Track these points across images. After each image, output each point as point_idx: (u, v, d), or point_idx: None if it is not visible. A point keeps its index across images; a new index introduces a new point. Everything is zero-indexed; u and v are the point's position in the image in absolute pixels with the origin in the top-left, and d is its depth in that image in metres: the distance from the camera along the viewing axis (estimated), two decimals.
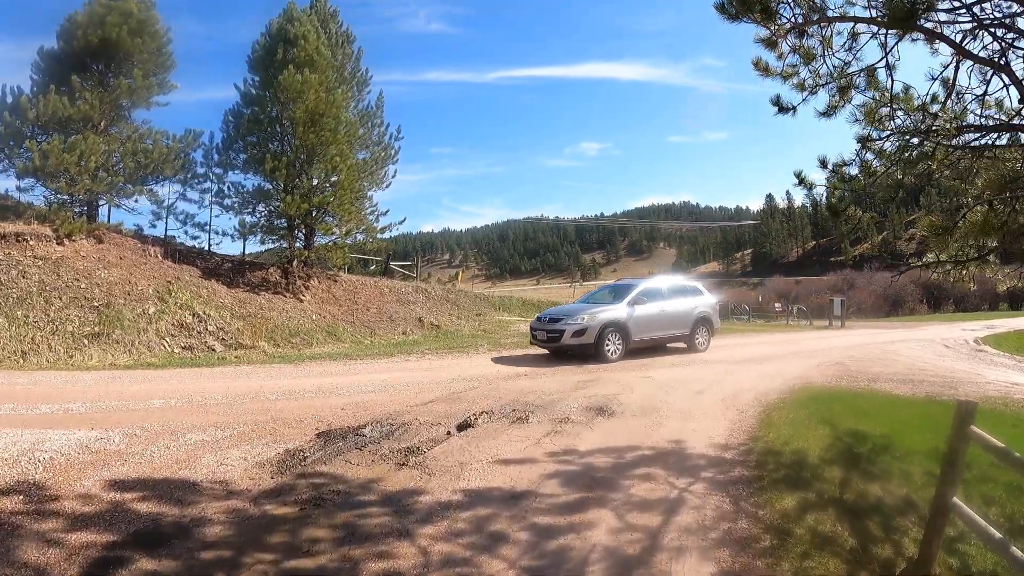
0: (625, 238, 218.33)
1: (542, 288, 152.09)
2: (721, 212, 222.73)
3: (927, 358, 16.01)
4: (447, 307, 24.17)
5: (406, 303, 22.87)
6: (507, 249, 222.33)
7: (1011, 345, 21.26)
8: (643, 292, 15.15)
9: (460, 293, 27.08)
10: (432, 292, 25.33)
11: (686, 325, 15.58)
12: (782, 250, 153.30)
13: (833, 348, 17.95)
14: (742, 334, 23.35)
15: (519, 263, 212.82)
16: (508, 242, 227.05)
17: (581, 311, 14.31)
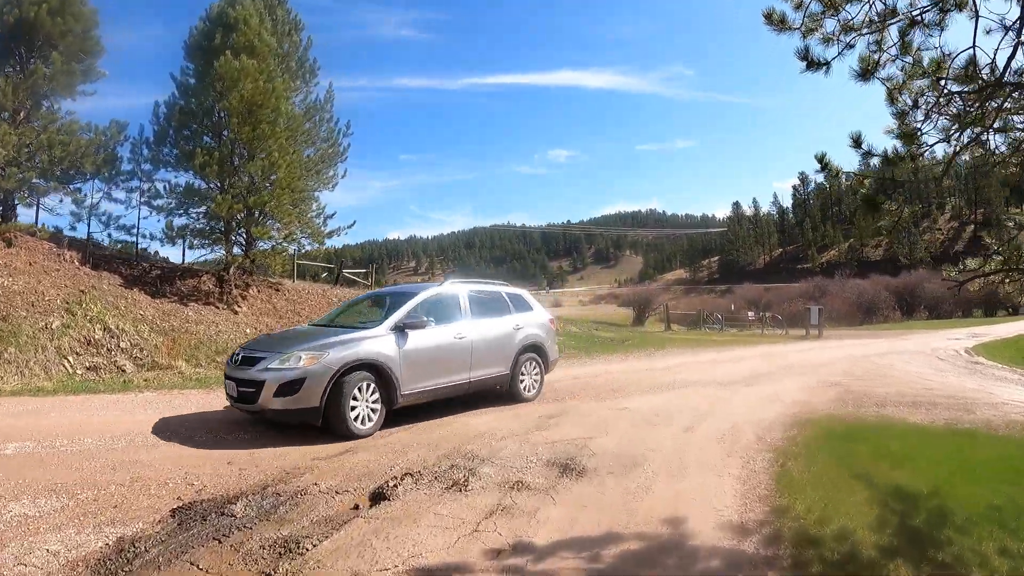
0: (592, 246, 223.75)
1: None
2: (688, 220, 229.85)
3: (927, 374, 14.80)
4: None
5: None
6: (474, 256, 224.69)
7: (1005, 356, 20.51)
8: (425, 305, 8.97)
9: None
10: None
11: (503, 360, 9.80)
12: (749, 257, 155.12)
13: (823, 363, 16.64)
14: (719, 346, 21.89)
15: (485, 270, 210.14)
16: (475, 249, 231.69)
17: (301, 342, 7.89)
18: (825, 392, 11.65)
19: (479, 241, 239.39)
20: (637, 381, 12.61)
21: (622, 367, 15.37)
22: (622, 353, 19.01)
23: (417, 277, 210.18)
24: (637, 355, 18.57)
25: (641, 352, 19.47)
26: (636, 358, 17.80)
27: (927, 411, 9.73)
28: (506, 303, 10.30)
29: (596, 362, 16.74)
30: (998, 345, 23.92)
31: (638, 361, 16.94)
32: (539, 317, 10.81)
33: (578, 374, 13.81)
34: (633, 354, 18.82)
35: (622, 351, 19.59)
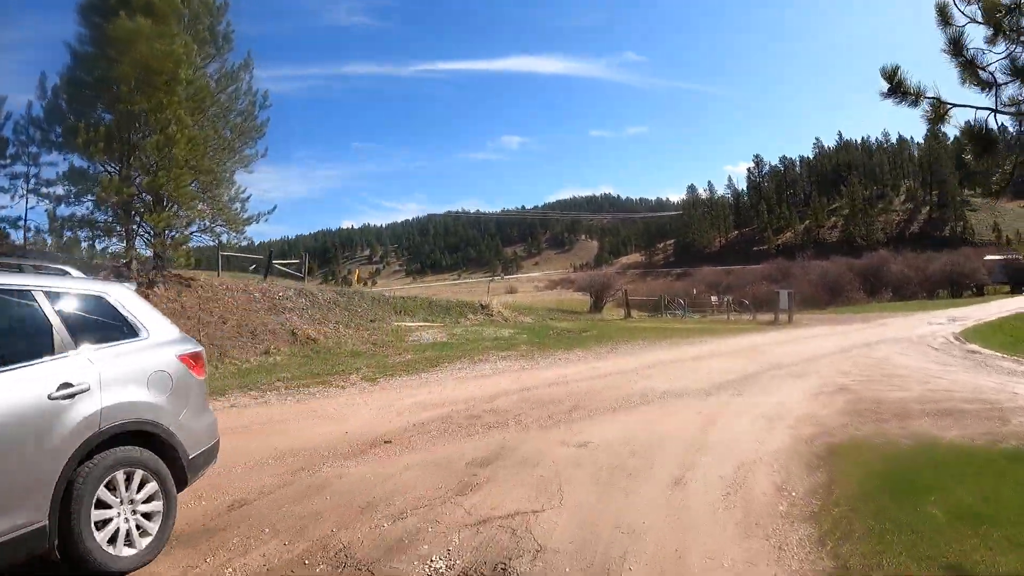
0: (547, 231, 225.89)
1: (462, 284, 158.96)
2: (642, 203, 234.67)
3: (933, 371, 13.01)
4: (335, 313, 19.74)
5: (281, 311, 18.23)
6: (428, 244, 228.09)
7: (996, 342, 19.34)
8: None
9: (355, 296, 22.67)
10: (320, 296, 20.77)
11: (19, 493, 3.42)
12: (705, 240, 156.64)
13: (812, 358, 14.82)
14: (689, 337, 19.86)
15: (440, 258, 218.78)
16: (429, 237, 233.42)
17: None
18: (833, 401, 9.63)
19: (433, 228, 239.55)
20: (601, 391, 10.29)
21: (582, 370, 13.06)
22: (582, 349, 16.73)
23: (371, 267, 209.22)
24: (600, 351, 16.32)
25: (604, 347, 17.23)
26: (599, 356, 15.54)
27: (958, 423, 8.08)
28: (46, 324, 3.90)
29: (551, 363, 14.40)
30: (984, 330, 22.89)
31: (601, 360, 14.66)
32: (155, 356, 4.47)
33: (528, 382, 11.44)
34: (595, 350, 16.56)
35: (582, 346, 17.31)
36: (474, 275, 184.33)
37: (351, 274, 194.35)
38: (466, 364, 13.94)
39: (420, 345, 16.86)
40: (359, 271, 43.47)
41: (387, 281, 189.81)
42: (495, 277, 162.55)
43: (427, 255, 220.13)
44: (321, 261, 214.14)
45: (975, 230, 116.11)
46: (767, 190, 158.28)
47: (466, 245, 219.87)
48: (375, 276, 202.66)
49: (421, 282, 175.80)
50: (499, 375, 12.43)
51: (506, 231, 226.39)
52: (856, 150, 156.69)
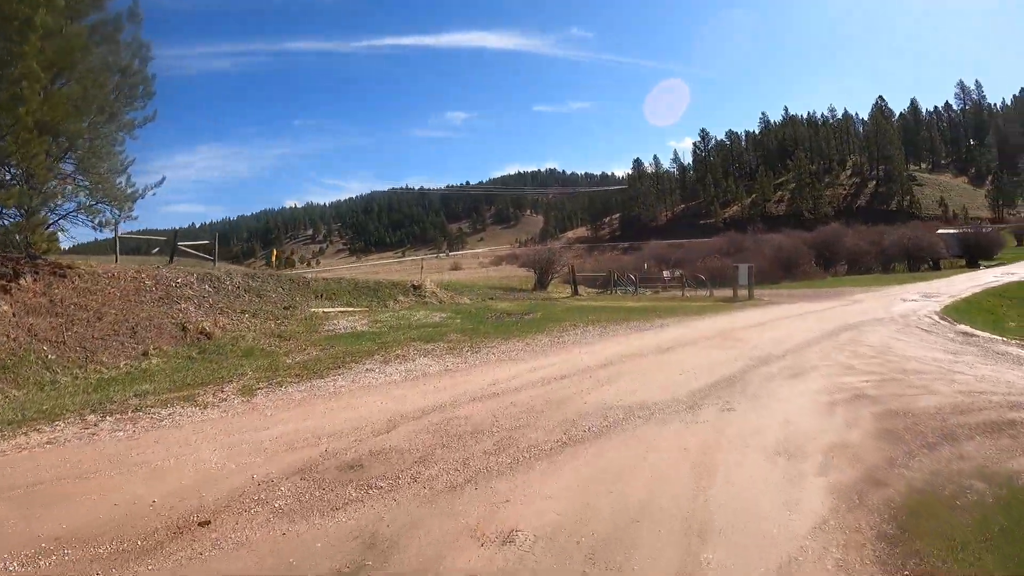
0: (491, 206, 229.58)
1: (406, 261, 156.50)
2: (588, 178, 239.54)
3: (945, 361, 11.12)
4: (244, 301, 16.86)
5: (175, 301, 15.14)
6: (372, 222, 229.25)
7: (983, 321, 17.99)
8: None
9: (270, 280, 19.64)
10: (228, 281, 17.74)
11: None
12: (651, 214, 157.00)
13: (798, 346, 12.55)
14: (645, 319, 17.55)
15: (384, 235, 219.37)
16: (373, 214, 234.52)
17: None
18: (857, 416, 7.41)
19: (377, 206, 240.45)
20: (543, 410, 7.69)
21: (521, 371, 10.39)
22: (523, 338, 14.04)
23: (315, 246, 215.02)
24: (543, 342, 13.65)
25: (549, 336, 14.57)
26: (542, 348, 12.89)
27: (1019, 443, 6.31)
28: None
29: (483, 359, 11.69)
30: (964, 307, 21.30)
31: (545, 355, 12.03)
32: None
33: (447, 395, 8.75)
34: (538, 340, 13.88)
35: (523, 334, 14.62)
36: (419, 252, 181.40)
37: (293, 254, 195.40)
38: (377, 363, 11.17)
39: (332, 336, 14.06)
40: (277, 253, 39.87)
41: (331, 260, 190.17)
42: (439, 254, 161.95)
43: (371, 233, 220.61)
44: (264, 242, 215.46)
45: (921, 204, 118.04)
46: (713, 164, 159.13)
47: (410, 222, 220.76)
48: (319, 256, 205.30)
49: (365, 260, 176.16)
50: (412, 382, 9.66)
51: (451, 207, 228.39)
52: (802, 125, 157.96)
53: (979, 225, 65.38)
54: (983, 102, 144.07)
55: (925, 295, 24.84)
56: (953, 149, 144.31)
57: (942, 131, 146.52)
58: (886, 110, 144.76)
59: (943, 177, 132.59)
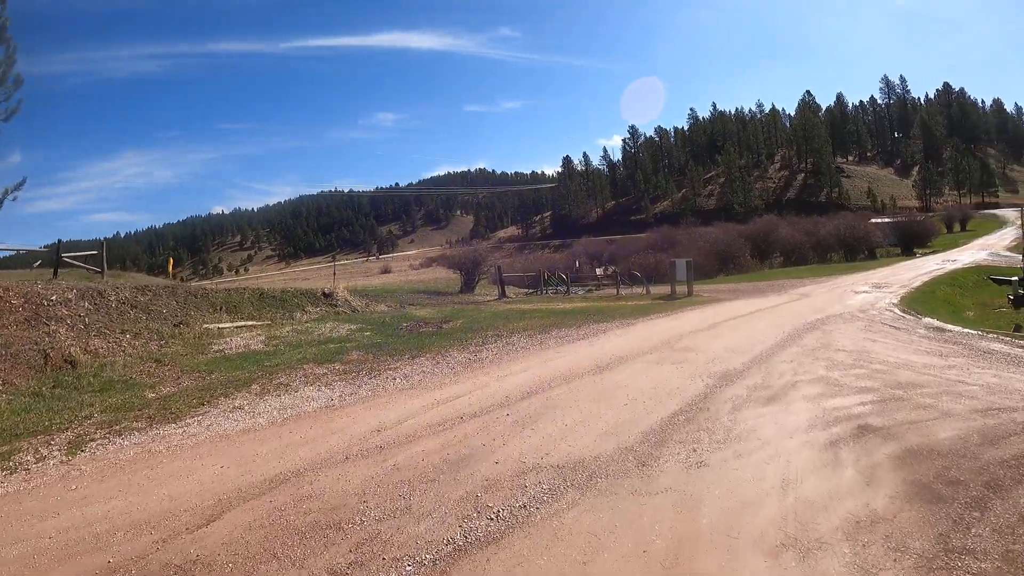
0: (422, 207, 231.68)
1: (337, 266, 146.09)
2: (518, 177, 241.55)
3: (936, 366, 9.64)
4: (128, 319, 14.52)
5: (44, 322, 12.47)
6: (301, 226, 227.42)
7: (947, 312, 17.90)
8: None
9: (165, 292, 17.13)
10: (112, 297, 15.20)
11: None
12: (582, 211, 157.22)
13: (761, 356, 10.74)
14: (580, 323, 15.56)
15: (313, 240, 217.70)
16: (302, 219, 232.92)
17: None
18: (873, 467, 5.58)
19: (306, 210, 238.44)
20: (437, 479, 5.59)
21: (422, 406, 8.22)
22: (434, 355, 11.82)
23: (243, 253, 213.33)
24: (458, 360, 11.44)
25: (465, 351, 12.34)
26: (455, 369, 10.70)
27: None
28: None
29: (378, 390, 9.44)
30: (921, 298, 20.44)
31: (457, 381, 9.82)
32: None
33: (306, 457, 6.53)
34: (452, 357, 11.66)
35: (436, 349, 12.39)
36: (349, 256, 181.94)
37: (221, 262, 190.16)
38: (251, 397, 8.90)
39: (218, 359, 11.67)
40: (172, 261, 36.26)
41: (260, 267, 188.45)
42: (370, 257, 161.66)
43: (300, 238, 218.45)
44: (191, 250, 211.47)
45: (850, 195, 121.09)
46: (643, 160, 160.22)
47: (340, 226, 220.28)
48: (247, 263, 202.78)
49: (295, 266, 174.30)
50: (277, 428, 7.35)
51: (381, 209, 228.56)
52: (731, 121, 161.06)
53: (912, 214, 66.44)
54: (907, 96, 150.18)
55: (876, 286, 23.70)
56: (879, 142, 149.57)
57: (868, 124, 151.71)
58: (813, 105, 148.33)
59: (870, 168, 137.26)
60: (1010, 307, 20.79)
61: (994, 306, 21.39)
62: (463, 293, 31.46)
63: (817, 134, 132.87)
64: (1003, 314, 19.96)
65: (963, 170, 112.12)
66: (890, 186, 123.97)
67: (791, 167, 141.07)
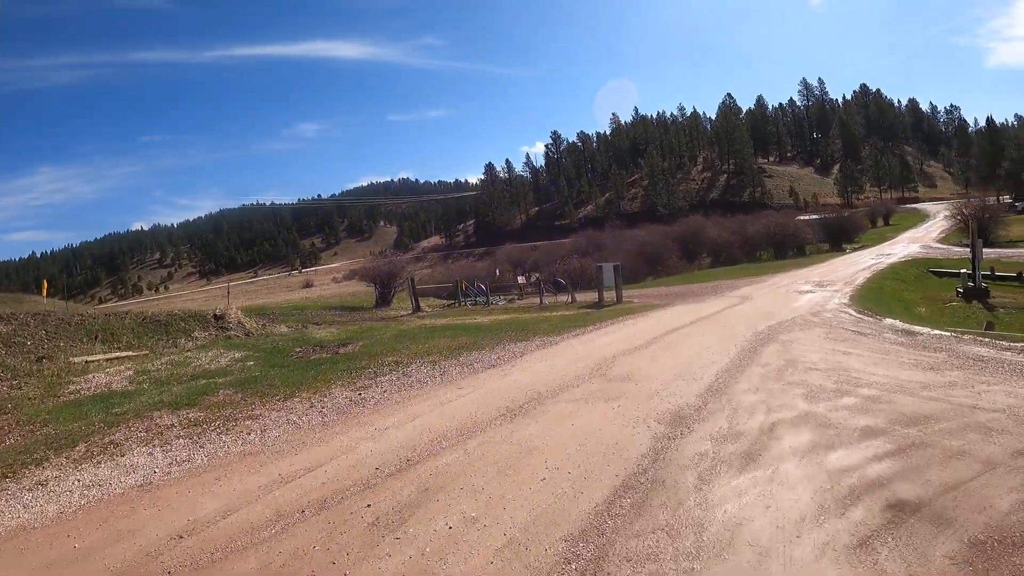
0: (345, 219, 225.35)
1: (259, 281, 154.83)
2: (441, 186, 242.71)
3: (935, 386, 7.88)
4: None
5: None
6: (222, 241, 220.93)
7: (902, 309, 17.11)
8: None
9: (33, 320, 15.86)
10: None
11: None
12: (505, 218, 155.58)
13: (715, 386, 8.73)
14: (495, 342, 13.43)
15: (235, 255, 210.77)
16: (223, 234, 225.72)
17: None
18: None
19: (227, 224, 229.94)
20: None
21: (259, 488, 5.87)
22: (312, 395, 9.49)
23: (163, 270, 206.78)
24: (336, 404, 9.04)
25: (352, 387, 9.99)
26: (327, 420, 8.31)
27: None
28: None
29: (220, 457, 6.99)
30: (869, 296, 19.26)
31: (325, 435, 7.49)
32: None
33: None
34: (331, 399, 9.27)
35: (318, 385, 10.05)
36: (272, 271, 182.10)
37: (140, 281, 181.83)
38: (61, 469, 6.90)
39: (65, 405, 9.62)
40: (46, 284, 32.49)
41: (180, 285, 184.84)
42: (292, 271, 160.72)
43: (221, 254, 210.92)
44: (108, 269, 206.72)
45: (773, 194, 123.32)
46: (566, 166, 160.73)
47: (262, 240, 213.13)
48: (167, 281, 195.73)
49: (216, 283, 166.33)
50: (60, 526, 5.01)
51: (303, 222, 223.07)
52: (652, 124, 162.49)
53: (837, 210, 67.12)
54: (825, 98, 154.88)
55: (818, 284, 22.38)
56: (798, 142, 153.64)
57: (788, 126, 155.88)
58: (734, 107, 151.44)
59: (791, 168, 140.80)
60: (960, 301, 19.86)
61: (943, 300, 20.42)
62: (378, 308, 29.02)
63: (739, 135, 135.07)
64: (956, 309, 19.00)
65: (883, 167, 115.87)
66: (811, 184, 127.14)
67: (714, 168, 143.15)
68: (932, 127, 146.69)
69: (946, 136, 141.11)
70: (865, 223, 60.98)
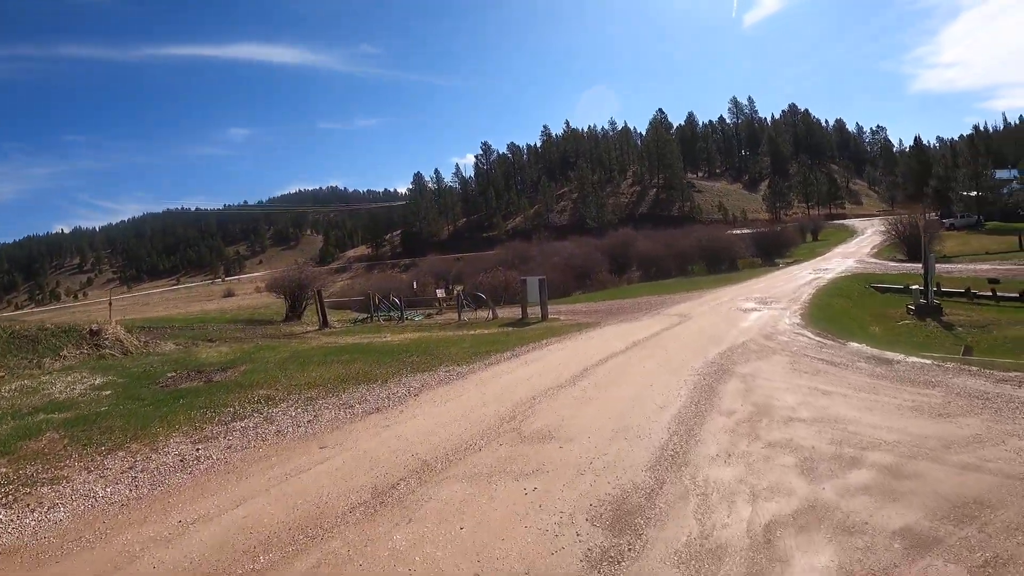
0: (271, 227, 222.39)
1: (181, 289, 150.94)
2: (369, 195, 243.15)
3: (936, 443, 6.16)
4: None
5: None
6: (145, 247, 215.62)
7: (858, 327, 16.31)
8: None
9: None
10: None
11: None
12: (433, 229, 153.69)
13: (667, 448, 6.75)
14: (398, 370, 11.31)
15: (157, 261, 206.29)
16: (146, 239, 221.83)
17: None
18: None
19: (151, 230, 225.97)
20: None
21: None
22: (140, 448, 7.31)
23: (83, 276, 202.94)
24: (148, 473, 6.64)
25: (190, 436, 7.69)
26: (150, 484, 6.13)
27: None
28: None
29: None
30: (818, 314, 17.85)
31: (124, 528, 5.16)
32: None
33: None
34: (155, 458, 6.97)
35: (156, 432, 7.80)
36: (194, 279, 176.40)
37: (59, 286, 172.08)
38: None
39: None
40: None
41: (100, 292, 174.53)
42: (215, 280, 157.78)
43: (144, 259, 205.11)
44: (26, 274, 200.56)
45: (702, 209, 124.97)
46: (495, 177, 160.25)
47: (186, 246, 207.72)
48: (87, 287, 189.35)
49: (137, 290, 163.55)
50: None
51: (229, 229, 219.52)
52: (584, 138, 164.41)
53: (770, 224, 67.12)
54: (755, 116, 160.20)
55: (762, 301, 20.85)
56: (727, 159, 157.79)
57: (717, 142, 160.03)
58: (665, 123, 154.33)
59: (720, 184, 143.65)
60: (913, 319, 18.62)
61: (894, 318, 19.16)
62: (287, 322, 26.39)
63: (669, 150, 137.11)
64: (911, 328, 17.73)
65: (811, 184, 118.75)
66: (740, 200, 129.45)
67: (643, 182, 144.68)
68: (858, 147, 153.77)
69: (871, 156, 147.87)
70: (798, 238, 61.03)
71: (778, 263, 46.16)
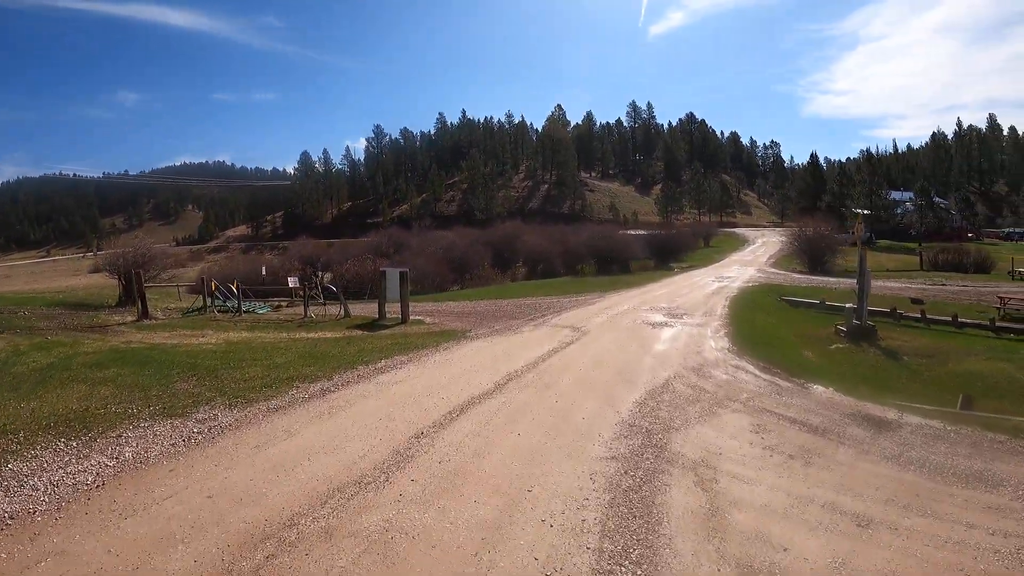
0: (151, 200, 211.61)
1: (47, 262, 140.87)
2: (257, 173, 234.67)
3: None
4: None
5: None
6: (16, 214, 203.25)
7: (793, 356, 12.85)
8: None
9: None
10: None
11: None
12: (316, 211, 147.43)
13: None
14: (172, 414, 6.55)
15: (28, 231, 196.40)
16: (19, 205, 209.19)
17: None
18: None
19: (25, 195, 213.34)
20: None
21: None
22: None
23: None
24: None
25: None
26: None
27: None
28: None
29: None
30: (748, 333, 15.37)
31: None
32: None
33: None
34: None
35: None
36: (67, 251, 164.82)
37: None
38: None
39: None
40: None
41: None
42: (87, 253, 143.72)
43: (14, 227, 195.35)
44: None
45: (593, 208, 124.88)
46: (386, 162, 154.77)
47: (59, 215, 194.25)
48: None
49: (6, 260, 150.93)
50: None
51: (107, 199, 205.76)
52: (478, 129, 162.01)
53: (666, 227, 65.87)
54: (652, 122, 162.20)
55: (671, 314, 17.58)
56: (621, 160, 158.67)
57: (613, 144, 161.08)
58: (563, 120, 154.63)
59: (613, 184, 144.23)
60: (845, 342, 15.55)
61: (823, 339, 16.11)
62: (119, 308, 21.17)
63: (564, 147, 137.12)
64: (849, 354, 14.62)
65: (704, 190, 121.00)
66: (632, 202, 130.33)
67: (536, 178, 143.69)
68: (751, 159, 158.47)
69: (763, 169, 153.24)
70: (694, 242, 59.63)
71: (673, 267, 43.99)
